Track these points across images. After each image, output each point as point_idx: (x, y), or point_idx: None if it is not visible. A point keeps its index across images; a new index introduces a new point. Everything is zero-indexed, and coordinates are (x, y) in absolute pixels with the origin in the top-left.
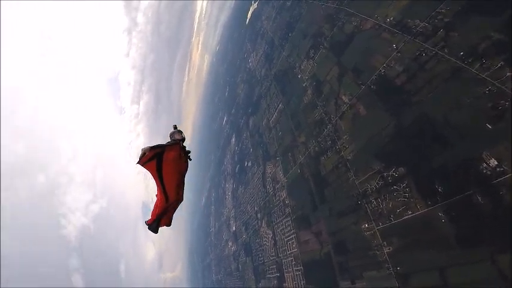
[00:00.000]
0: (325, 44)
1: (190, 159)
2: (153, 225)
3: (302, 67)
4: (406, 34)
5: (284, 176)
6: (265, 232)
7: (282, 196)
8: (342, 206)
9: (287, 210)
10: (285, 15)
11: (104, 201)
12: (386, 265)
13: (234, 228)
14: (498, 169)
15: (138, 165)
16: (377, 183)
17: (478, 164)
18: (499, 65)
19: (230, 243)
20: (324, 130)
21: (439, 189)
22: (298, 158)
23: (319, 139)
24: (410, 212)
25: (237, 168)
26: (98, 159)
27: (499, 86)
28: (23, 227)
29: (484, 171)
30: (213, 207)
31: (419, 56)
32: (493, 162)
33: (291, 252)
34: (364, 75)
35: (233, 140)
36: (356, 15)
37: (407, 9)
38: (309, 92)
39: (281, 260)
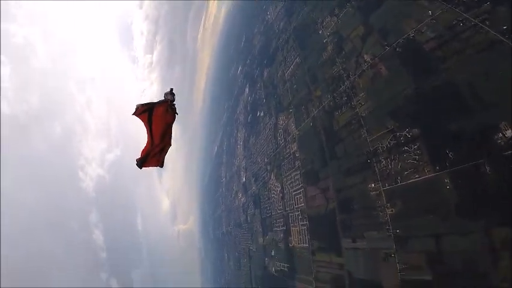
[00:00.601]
0: (353, 3)
1: (177, 114)
2: (139, 162)
3: (324, 23)
4: (445, 3)
5: (296, 128)
6: (274, 185)
7: (292, 149)
8: (352, 163)
9: (297, 163)
10: None
11: (119, 149)
12: (387, 227)
13: (244, 179)
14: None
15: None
16: (389, 142)
17: (493, 133)
18: None
19: (240, 195)
20: (340, 86)
21: (450, 155)
22: (312, 111)
23: (334, 94)
24: (417, 176)
25: (249, 118)
26: (112, 108)
27: None
28: (44, 180)
29: (499, 141)
30: (224, 156)
31: (455, 25)
32: (510, 132)
33: (298, 207)
34: (391, 37)
35: (247, 90)
36: None
37: None
38: (329, 48)
39: (288, 213)
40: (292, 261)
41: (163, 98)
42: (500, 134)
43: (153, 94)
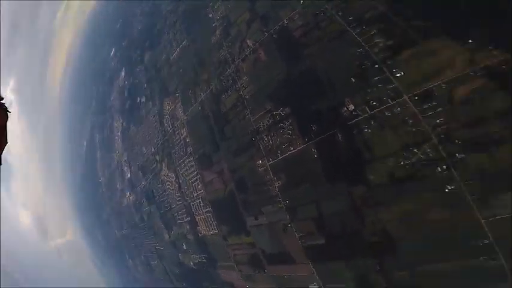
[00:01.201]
0: None
1: (10, 112)
2: None
3: (216, 7)
4: None
5: (184, 113)
6: (167, 175)
7: (182, 134)
8: (240, 143)
9: (189, 149)
10: None
11: None
12: (278, 199)
13: (129, 175)
14: (354, 113)
15: None
16: (268, 120)
17: (341, 108)
18: (372, 32)
19: (128, 193)
20: (227, 70)
21: (313, 128)
22: (200, 95)
23: (221, 77)
24: (292, 148)
25: (127, 105)
26: None
27: (368, 49)
28: None
29: (345, 113)
30: (98, 152)
31: (318, 14)
32: (351, 106)
33: (198, 194)
34: (270, 23)
35: (122, 73)
36: None
37: None
38: (217, 32)
39: (189, 203)
40: (208, 251)
41: None
42: (345, 108)
43: None
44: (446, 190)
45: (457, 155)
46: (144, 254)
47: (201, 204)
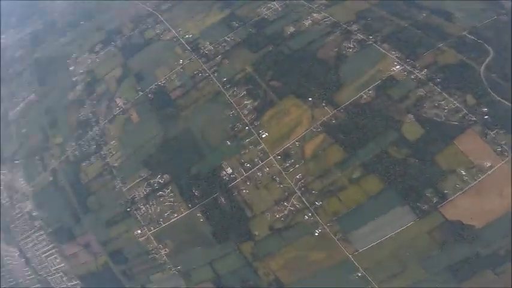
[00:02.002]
0: (118, 42)
1: None
2: None
3: (79, 59)
4: (194, 53)
5: (28, 184)
6: (6, 250)
7: (25, 208)
8: (111, 214)
9: (36, 223)
10: (91, 2)
11: None
12: (168, 266)
13: None
14: (232, 175)
15: None
16: (145, 189)
17: (220, 172)
18: (242, 94)
19: None
20: (88, 132)
21: (196, 193)
22: (51, 162)
23: (81, 142)
24: (176, 215)
25: None
26: None
27: (238, 111)
28: None
29: (224, 177)
30: None
31: (196, 75)
32: (229, 170)
33: (58, 268)
34: (145, 82)
35: None
36: (163, 23)
37: (206, 31)
38: (79, 87)
39: (45, 277)
40: None
41: None
42: (224, 172)
43: None
44: (316, 234)
45: (316, 202)
46: None
47: (64, 278)
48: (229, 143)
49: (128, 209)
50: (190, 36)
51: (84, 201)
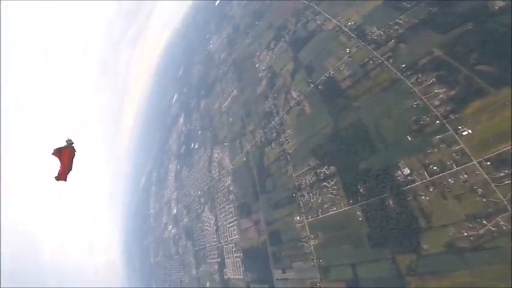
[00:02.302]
0: (286, 38)
1: (76, 151)
2: (63, 178)
3: (261, 57)
4: (361, 40)
5: (230, 162)
6: (208, 217)
7: (226, 182)
8: (280, 197)
9: (231, 196)
10: (256, 3)
11: None
12: (312, 257)
13: (175, 211)
14: (409, 177)
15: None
16: (311, 178)
17: (394, 171)
18: (431, 81)
19: (170, 226)
20: (271, 122)
21: (361, 190)
22: (246, 146)
23: (266, 130)
24: (335, 208)
25: (182, 149)
26: None
27: (426, 101)
28: None
29: (399, 177)
30: (153, 188)
31: (367, 63)
32: (406, 171)
33: (232, 239)
34: (315, 74)
35: (181, 119)
36: (321, 14)
37: (370, 15)
38: (264, 82)
39: (222, 245)
40: None
41: (66, 143)
42: (400, 172)
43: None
44: None
45: None
46: (168, 283)
47: (233, 249)
48: (410, 139)
49: (294, 195)
50: (353, 23)
51: (263, 182)
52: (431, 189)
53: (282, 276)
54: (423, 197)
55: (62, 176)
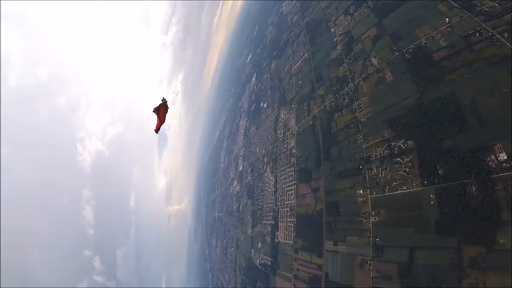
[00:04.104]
0: (369, 3)
1: (168, 108)
2: (156, 130)
3: (338, 21)
4: (466, 10)
5: (296, 125)
6: (269, 178)
7: (290, 144)
8: (344, 167)
9: (292, 160)
10: None
11: (121, 124)
12: (368, 234)
13: (241, 168)
14: (505, 164)
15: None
16: (383, 151)
17: (486, 155)
18: None
19: (235, 183)
20: (344, 88)
21: (440, 171)
22: (313, 109)
23: (337, 95)
24: (405, 188)
25: (252, 107)
26: (119, 84)
27: None
28: (41, 150)
29: (490, 163)
30: (225, 142)
31: (471, 35)
32: (503, 156)
33: (288, 203)
34: (402, 42)
35: (254, 78)
36: None
37: None
38: (339, 47)
39: (278, 208)
40: (276, 256)
41: (161, 102)
42: (493, 156)
43: (163, 75)
44: None
45: None
46: (227, 239)
47: (288, 213)
48: None
49: (361, 167)
50: None
51: (328, 149)
52: None
53: (333, 248)
54: None
55: (158, 128)
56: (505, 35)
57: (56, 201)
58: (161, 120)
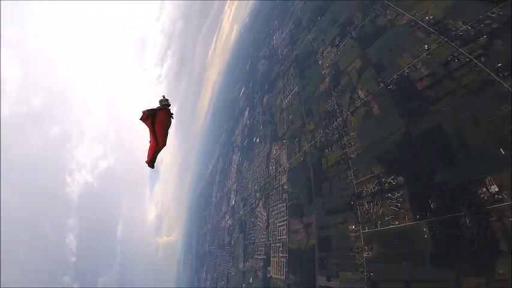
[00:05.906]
0: (353, 34)
1: (173, 118)
2: (150, 163)
3: (324, 53)
4: (443, 36)
5: (287, 161)
6: (261, 213)
7: (282, 180)
8: (335, 203)
9: (284, 195)
10: None
11: (113, 158)
12: (362, 269)
13: (233, 202)
14: (497, 196)
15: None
16: (373, 187)
17: (477, 188)
18: None
19: (227, 217)
20: (333, 122)
21: (432, 205)
22: (304, 145)
23: (327, 130)
24: (397, 222)
25: (245, 142)
26: (113, 116)
27: None
28: (29, 181)
29: (482, 195)
30: (217, 176)
31: (450, 61)
32: (494, 188)
33: (280, 238)
34: (386, 72)
35: (246, 113)
36: (393, 8)
37: (453, 9)
38: (327, 80)
39: (270, 243)
40: None
41: (160, 105)
42: (484, 189)
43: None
44: None
45: None
46: (217, 272)
47: (280, 249)
48: (503, 152)
49: (352, 202)
50: (431, 17)
51: (319, 185)
52: None
53: (326, 284)
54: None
55: (154, 154)
56: (482, 59)
57: (39, 228)
58: (159, 140)
